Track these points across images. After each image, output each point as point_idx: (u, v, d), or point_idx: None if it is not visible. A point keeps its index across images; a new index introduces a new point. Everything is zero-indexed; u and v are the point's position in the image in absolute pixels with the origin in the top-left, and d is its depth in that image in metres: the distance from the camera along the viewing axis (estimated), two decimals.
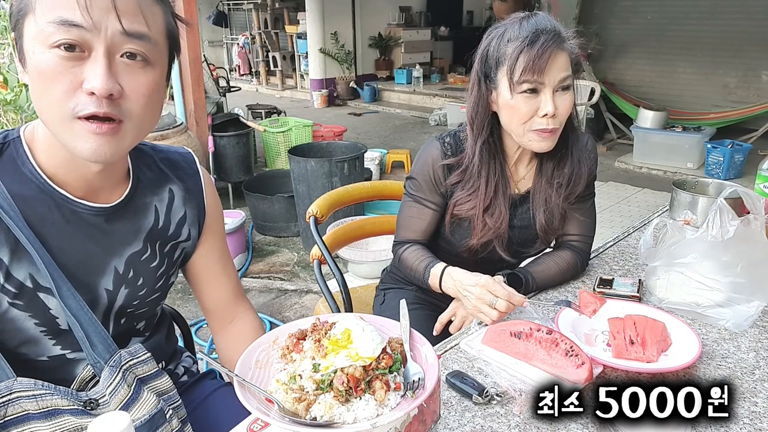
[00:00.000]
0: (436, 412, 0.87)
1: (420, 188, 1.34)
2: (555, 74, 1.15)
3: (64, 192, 0.83)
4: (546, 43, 1.13)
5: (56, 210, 0.83)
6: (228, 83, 5.80)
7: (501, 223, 1.29)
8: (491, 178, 1.28)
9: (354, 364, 0.74)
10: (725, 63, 6.30)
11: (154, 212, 0.94)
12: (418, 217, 1.35)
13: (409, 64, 9.46)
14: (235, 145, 4.39)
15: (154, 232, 0.94)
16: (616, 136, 6.25)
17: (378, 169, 4.74)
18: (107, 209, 0.87)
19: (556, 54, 1.14)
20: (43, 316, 0.83)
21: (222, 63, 10.78)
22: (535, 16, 1.19)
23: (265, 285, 3.22)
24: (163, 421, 0.89)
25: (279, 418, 0.71)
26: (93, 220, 0.86)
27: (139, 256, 0.92)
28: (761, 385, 0.96)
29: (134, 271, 0.92)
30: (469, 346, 1.05)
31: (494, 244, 1.32)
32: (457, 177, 1.30)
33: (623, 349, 1.00)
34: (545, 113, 1.16)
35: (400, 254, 1.38)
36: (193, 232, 1.01)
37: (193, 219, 1.01)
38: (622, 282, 1.28)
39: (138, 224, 0.92)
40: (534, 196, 1.34)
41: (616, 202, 4.53)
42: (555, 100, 1.16)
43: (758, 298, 1.13)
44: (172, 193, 0.98)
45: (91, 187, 0.86)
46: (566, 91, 1.18)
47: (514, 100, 1.18)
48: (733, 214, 1.14)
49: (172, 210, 0.97)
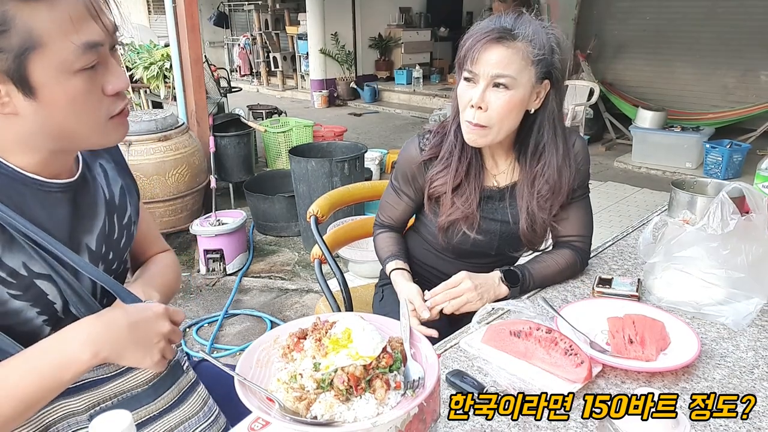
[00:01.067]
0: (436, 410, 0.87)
1: (398, 179, 1.44)
2: (488, 68, 1.18)
3: (35, 176, 0.83)
4: (484, 35, 1.18)
5: (31, 195, 0.83)
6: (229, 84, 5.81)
7: (470, 205, 1.32)
8: (464, 159, 1.33)
9: (354, 363, 0.74)
10: (724, 63, 6.30)
11: (100, 186, 0.97)
12: (394, 205, 1.48)
13: (409, 64, 9.46)
14: (236, 146, 4.39)
15: (108, 205, 0.97)
16: (615, 136, 6.25)
17: (378, 169, 4.75)
18: (71, 184, 0.89)
19: (491, 47, 1.17)
20: (42, 304, 0.83)
21: (223, 64, 10.78)
22: (507, 15, 1.21)
23: (266, 284, 3.22)
24: (181, 371, 0.97)
25: (280, 417, 0.72)
26: (63, 197, 0.87)
27: (104, 231, 0.94)
28: (760, 384, 0.96)
29: (106, 246, 0.94)
30: (469, 345, 1.05)
31: (461, 225, 1.34)
32: (432, 152, 1.36)
33: (622, 348, 1.01)
34: (471, 103, 1.21)
35: (375, 237, 1.54)
36: (131, 201, 1.04)
37: (129, 188, 1.04)
38: (621, 281, 1.28)
39: (95, 198, 0.94)
40: (518, 201, 1.35)
41: (615, 201, 4.53)
42: (487, 94, 1.20)
43: (758, 295, 1.13)
44: (102, 167, 1.00)
45: (55, 168, 0.86)
46: (501, 88, 1.19)
47: (459, 87, 1.25)
48: (734, 208, 1.14)
49: (110, 181, 0.99)
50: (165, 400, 0.93)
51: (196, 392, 0.98)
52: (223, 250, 3.28)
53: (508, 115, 1.22)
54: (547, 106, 1.27)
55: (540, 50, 1.18)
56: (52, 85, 0.73)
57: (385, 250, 1.48)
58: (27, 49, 0.70)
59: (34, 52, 0.70)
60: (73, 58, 0.72)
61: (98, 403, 0.88)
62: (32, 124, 0.77)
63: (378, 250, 1.51)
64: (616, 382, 0.97)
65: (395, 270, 1.42)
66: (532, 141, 1.30)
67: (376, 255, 1.51)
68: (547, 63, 1.20)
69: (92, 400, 0.88)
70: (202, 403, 0.99)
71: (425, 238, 1.47)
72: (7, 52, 0.70)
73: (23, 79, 0.72)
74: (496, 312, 1.18)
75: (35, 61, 0.71)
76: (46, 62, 0.71)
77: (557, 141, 1.30)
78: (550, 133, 1.29)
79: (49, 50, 0.71)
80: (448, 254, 1.45)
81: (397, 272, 1.41)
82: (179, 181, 3.56)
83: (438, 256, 1.47)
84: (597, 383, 0.96)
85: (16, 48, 0.70)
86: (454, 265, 1.45)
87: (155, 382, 0.93)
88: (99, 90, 0.77)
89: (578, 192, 1.36)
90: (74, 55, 0.72)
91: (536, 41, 1.18)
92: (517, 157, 1.35)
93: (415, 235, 1.52)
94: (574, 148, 1.34)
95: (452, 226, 1.36)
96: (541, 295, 1.28)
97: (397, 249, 1.48)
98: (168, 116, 3.65)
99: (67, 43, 0.71)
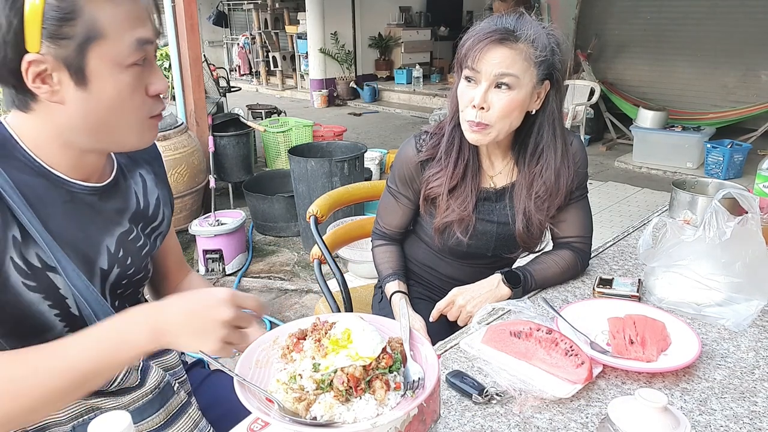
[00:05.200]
0: (436, 411, 0.87)
1: (395, 182, 1.42)
2: (490, 67, 1.18)
3: (60, 173, 0.85)
4: (487, 35, 1.18)
5: (54, 191, 0.84)
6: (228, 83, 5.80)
7: (465, 207, 1.32)
8: (460, 161, 1.32)
9: (354, 363, 0.74)
10: (725, 63, 6.30)
11: (134, 194, 0.98)
12: (393, 210, 1.45)
13: (409, 64, 9.46)
14: (235, 145, 4.39)
15: (137, 214, 0.98)
16: (616, 136, 6.25)
17: (378, 169, 4.74)
18: (100, 188, 0.90)
19: (494, 47, 1.17)
20: (54, 297, 0.83)
21: (222, 63, 10.77)
22: (508, 16, 1.21)
23: (266, 285, 3.22)
24: (171, 393, 0.96)
25: (279, 418, 0.72)
26: (88, 199, 0.89)
27: (126, 236, 0.95)
28: (761, 384, 0.96)
29: (124, 250, 0.94)
30: (469, 346, 1.05)
31: (455, 229, 1.33)
32: (429, 153, 1.35)
33: (623, 349, 1.00)
34: (473, 104, 1.20)
35: (374, 248, 1.52)
36: (166, 213, 1.06)
37: (165, 200, 1.06)
38: (622, 282, 1.28)
39: (124, 205, 0.96)
40: (513, 201, 1.34)
41: (615, 201, 4.53)
42: (489, 94, 1.20)
43: (757, 298, 1.13)
44: (142, 177, 1.02)
45: (85, 170, 0.88)
46: (504, 88, 1.19)
47: (459, 86, 1.25)
48: (729, 215, 1.14)
49: (147, 192, 1.01)
50: (151, 423, 0.93)
51: (186, 414, 0.98)
52: (222, 250, 3.27)
53: (509, 115, 1.21)
54: (547, 107, 1.27)
55: (542, 52, 1.19)
56: (105, 76, 0.76)
57: (385, 266, 1.47)
58: (90, 38, 0.74)
59: (96, 42, 0.74)
60: (128, 52, 0.76)
61: (81, 415, 0.89)
62: (75, 116, 0.79)
63: (377, 264, 1.49)
64: (617, 382, 0.96)
65: (397, 293, 1.41)
66: (531, 142, 1.30)
67: (375, 267, 1.50)
68: (548, 64, 1.21)
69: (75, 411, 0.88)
70: (193, 425, 0.98)
71: (423, 240, 1.47)
72: (72, 40, 0.73)
73: (80, 68, 0.75)
74: (496, 312, 1.18)
75: (95, 51, 0.75)
76: (104, 53, 0.75)
77: (556, 142, 1.30)
78: (549, 134, 1.29)
79: (108, 42, 0.75)
80: (446, 255, 1.44)
81: (398, 296, 1.40)
82: (178, 181, 3.56)
83: (436, 256, 1.47)
84: (597, 384, 0.96)
85: (80, 37, 0.74)
86: (453, 266, 1.45)
87: (141, 404, 0.92)
88: (143, 89, 0.81)
89: (577, 193, 1.36)
90: (129, 49, 0.76)
91: (538, 43, 1.18)
92: (515, 158, 1.35)
93: (413, 236, 1.52)
94: (572, 149, 1.33)
95: (447, 228, 1.35)
96: (542, 296, 1.28)
97: (397, 266, 1.46)
98: (167, 116, 3.65)
99: (125, 37, 0.75)
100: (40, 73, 0.74)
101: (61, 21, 0.72)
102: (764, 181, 1.54)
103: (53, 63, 0.74)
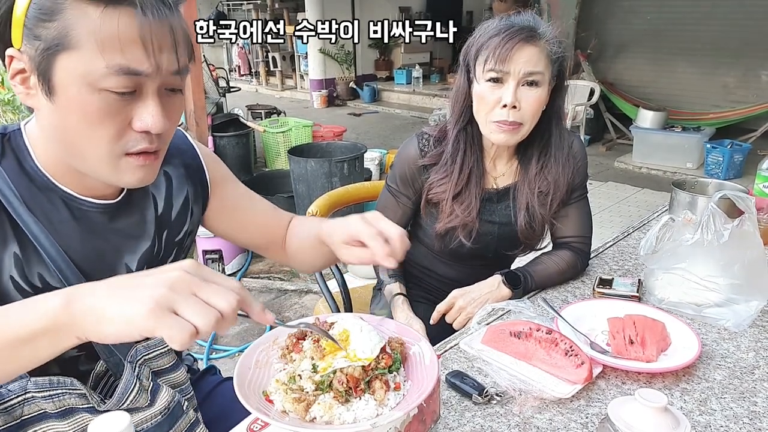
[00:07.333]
0: (435, 411, 0.87)
1: (395, 181, 1.40)
2: (519, 66, 1.17)
3: (68, 189, 0.81)
4: (513, 34, 1.17)
5: (63, 207, 0.81)
6: (228, 83, 5.81)
7: (470, 213, 1.31)
8: (465, 167, 1.31)
9: (352, 365, 0.74)
10: (725, 63, 6.29)
11: (152, 200, 0.93)
12: (392, 209, 1.41)
13: (408, 64, 9.45)
14: (234, 146, 4.39)
15: (158, 221, 0.92)
16: (616, 136, 6.25)
17: (378, 169, 4.74)
18: (111, 206, 0.86)
19: (523, 46, 1.17)
20: None
21: (222, 63, 10.77)
22: (521, 14, 1.21)
23: (265, 285, 3.22)
24: (181, 413, 0.91)
25: (279, 418, 0.71)
26: (98, 218, 0.85)
27: (150, 252, 0.90)
28: (761, 384, 0.96)
29: (147, 267, 0.89)
30: (468, 346, 1.05)
31: (459, 233, 1.33)
32: (433, 159, 1.33)
33: (623, 349, 1.00)
34: (504, 103, 1.19)
35: None
36: (195, 210, 1.00)
37: (196, 195, 0.99)
38: (622, 282, 1.28)
39: (141, 216, 0.91)
40: (515, 199, 1.34)
41: (615, 202, 4.53)
42: (519, 93, 1.19)
43: (757, 298, 1.13)
44: (168, 175, 0.96)
45: (94, 186, 0.83)
46: (533, 86, 1.20)
47: (481, 87, 1.22)
48: (726, 218, 1.15)
49: (172, 194, 0.96)
50: None
51: None
52: (221, 250, 3.27)
53: (537, 111, 1.23)
54: (553, 104, 1.28)
55: (558, 48, 1.21)
56: (72, 92, 0.69)
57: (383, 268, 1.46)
58: (59, 45, 0.68)
59: (65, 51, 0.68)
60: (101, 74, 0.68)
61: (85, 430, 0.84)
62: (48, 127, 0.75)
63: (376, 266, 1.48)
64: (617, 382, 0.96)
65: (398, 296, 1.40)
66: (537, 140, 1.31)
67: (373, 267, 1.50)
68: (560, 62, 1.23)
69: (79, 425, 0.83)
70: None
71: (422, 241, 1.46)
72: (42, 42, 0.68)
73: (47, 75, 0.70)
74: (496, 313, 1.18)
75: (62, 60, 0.69)
76: (71, 67, 0.68)
77: (560, 139, 1.31)
78: (555, 132, 1.30)
79: (78, 56, 0.68)
80: (445, 257, 1.44)
81: (398, 299, 1.40)
82: None
83: (435, 258, 1.46)
84: (597, 384, 0.96)
85: (49, 41, 0.68)
86: (452, 268, 1.45)
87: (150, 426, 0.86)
88: (125, 120, 0.72)
89: (577, 193, 1.36)
90: (102, 72, 0.68)
91: (554, 40, 1.21)
92: (519, 157, 1.35)
93: (411, 238, 1.51)
94: (572, 148, 1.34)
95: (450, 233, 1.35)
96: (542, 296, 1.28)
97: (398, 267, 1.44)
98: None
99: (100, 58, 0.68)
100: (20, 72, 0.71)
101: (38, 20, 0.68)
102: (764, 182, 1.54)
103: (29, 63, 0.70)
